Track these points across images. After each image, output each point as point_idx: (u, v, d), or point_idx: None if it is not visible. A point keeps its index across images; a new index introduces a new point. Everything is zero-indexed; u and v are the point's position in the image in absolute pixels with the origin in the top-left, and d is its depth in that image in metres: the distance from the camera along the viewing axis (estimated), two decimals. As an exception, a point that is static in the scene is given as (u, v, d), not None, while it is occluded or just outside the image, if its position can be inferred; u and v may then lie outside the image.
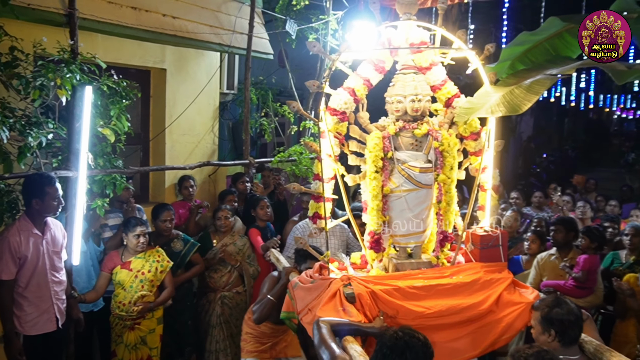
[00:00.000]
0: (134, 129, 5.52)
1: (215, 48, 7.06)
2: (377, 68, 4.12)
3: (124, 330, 4.97)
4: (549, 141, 25.60)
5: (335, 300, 3.59)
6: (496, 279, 3.88)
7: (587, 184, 10.72)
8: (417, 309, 3.65)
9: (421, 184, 4.01)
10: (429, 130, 4.03)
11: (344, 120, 4.05)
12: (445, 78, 4.19)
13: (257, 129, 8.52)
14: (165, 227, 5.47)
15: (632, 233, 5.72)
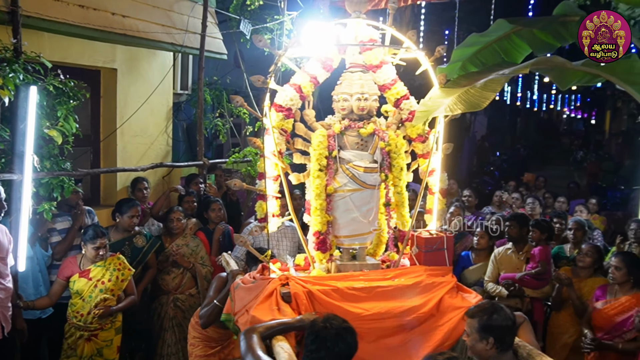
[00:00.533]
0: (84, 130, 5.40)
1: (167, 48, 6.96)
2: (324, 66, 4.09)
3: (79, 341, 4.78)
4: (502, 140, 26.15)
5: (271, 299, 3.57)
6: (438, 283, 3.82)
7: (536, 181, 11.01)
8: (354, 311, 3.60)
9: (365, 184, 3.98)
10: (375, 130, 4.00)
11: (289, 116, 4.00)
12: (395, 78, 4.15)
13: (212, 129, 8.44)
14: (131, 224, 5.42)
15: (575, 227, 5.93)
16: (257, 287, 3.72)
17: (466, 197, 7.79)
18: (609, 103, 26.34)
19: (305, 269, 4.14)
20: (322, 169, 3.93)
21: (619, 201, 12.14)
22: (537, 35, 5.28)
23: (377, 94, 4.10)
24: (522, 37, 5.36)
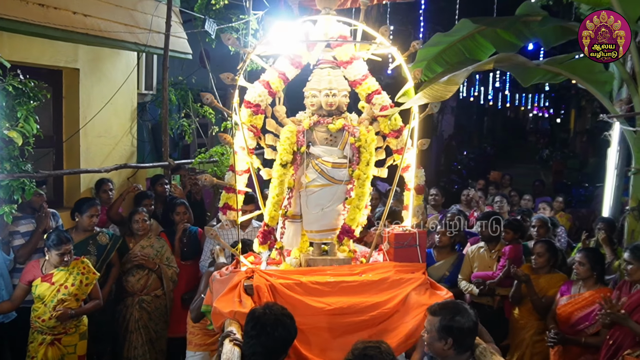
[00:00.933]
0: (46, 131, 5.30)
1: (131, 47, 6.86)
2: (293, 63, 4.08)
3: (42, 346, 4.66)
4: (469, 139, 26.47)
5: (234, 291, 3.59)
6: (406, 279, 3.77)
7: (502, 179, 11.16)
8: (316, 305, 3.60)
9: (334, 179, 3.97)
10: (344, 126, 4.00)
11: (258, 112, 3.99)
12: (367, 73, 4.13)
13: (177, 130, 8.36)
14: (91, 223, 5.33)
15: (538, 224, 6.03)
16: (228, 279, 3.75)
17: (433, 195, 7.85)
18: (574, 102, 26.82)
19: (279, 263, 4.12)
20: (285, 164, 3.92)
21: (583, 199, 12.39)
22: (500, 34, 5.38)
23: (347, 89, 4.10)
24: (485, 37, 5.45)
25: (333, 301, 3.63)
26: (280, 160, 3.92)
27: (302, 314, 3.54)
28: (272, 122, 4.12)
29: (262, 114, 4.03)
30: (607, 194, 6.24)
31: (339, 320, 3.63)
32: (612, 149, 5.99)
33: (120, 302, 5.57)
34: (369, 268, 3.91)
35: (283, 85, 4.07)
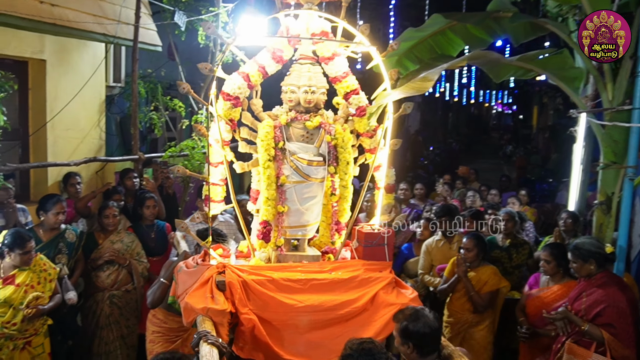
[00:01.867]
0: (12, 124, 5.15)
1: (99, 38, 6.75)
2: (274, 57, 4.04)
3: (13, 353, 4.48)
4: (434, 134, 26.75)
5: (206, 287, 3.58)
6: (374, 278, 3.84)
7: (469, 174, 11.34)
8: (288, 302, 3.63)
9: (309, 176, 3.97)
10: (321, 123, 3.99)
11: (237, 105, 3.96)
12: (347, 71, 4.12)
13: (146, 123, 8.26)
14: (57, 221, 5.18)
15: (506, 219, 6.15)
16: (197, 272, 3.71)
17: (402, 190, 7.92)
18: (536, 99, 27.38)
19: (247, 256, 4.13)
20: (271, 159, 3.92)
21: (547, 193, 12.63)
22: (470, 30, 5.45)
23: (326, 87, 4.09)
24: (456, 33, 5.52)
25: (304, 298, 3.67)
26: (268, 155, 3.90)
27: (274, 310, 3.63)
28: (248, 116, 4.08)
29: (240, 107, 4.00)
30: (572, 188, 6.37)
31: (310, 317, 3.68)
32: (578, 144, 6.12)
33: (89, 297, 5.47)
34: (339, 266, 3.93)
35: (262, 78, 4.05)
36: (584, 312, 4.24)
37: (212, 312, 3.43)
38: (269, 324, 3.64)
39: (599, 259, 4.32)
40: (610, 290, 4.18)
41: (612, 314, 4.10)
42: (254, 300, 3.62)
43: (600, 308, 4.15)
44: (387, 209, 4.23)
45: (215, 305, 3.45)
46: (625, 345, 4.06)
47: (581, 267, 4.35)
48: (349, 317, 3.71)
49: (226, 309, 3.47)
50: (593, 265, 4.31)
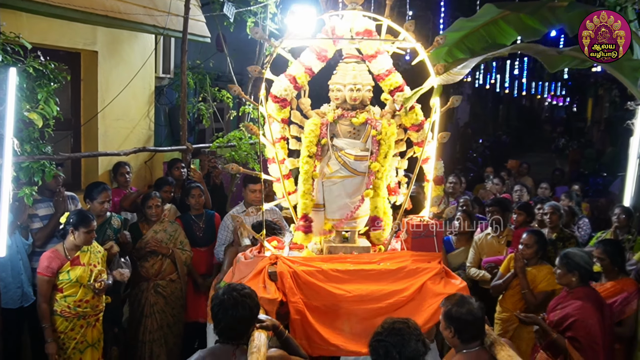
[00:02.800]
0: (64, 114, 5.26)
1: (149, 30, 6.83)
2: (319, 56, 4.17)
3: (86, 330, 4.71)
4: (484, 127, 26.29)
5: (259, 277, 3.80)
6: (422, 269, 3.90)
7: (520, 168, 11.09)
8: (337, 292, 3.77)
9: (357, 171, 4.10)
10: (367, 119, 4.08)
11: (284, 106, 4.16)
12: (391, 68, 4.20)
13: (194, 114, 8.34)
14: (102, 209, 5.30)
15: (551, 211, 5.98)
16: (253, 263, 3.95)
17: (452, 183, 7.79)
18: (591, 91, 26.55)
19: (300, 247, 4.25)
20: (311, 156, 4.08)
21: (600, 188, 12.24)
22: (524, 20, 5.26)
23: (371, 84, 4.16)
24: (509, 22, 5.34)
25: (353, 288, 3.80)
26: (308, 152, 4.07)
27: (324, 299, 3.78)
28: (297, 114, 4.26)
29: (288, 107, 4.19)
30: (628, 183, 6.14)
31: (358, 307, 3.79)
32: (635, 137, 5.90)
33: (135, 286, 5.58)
34: (387, 257, 4.04)
35: (308, 78, 4.19)
36: (554, 323, 4.23)
37: (263, 301, 3.55)
38: (318, 313, 3.79)
39: (583, 274, 4.27)
40: (584, 306, 4.14)
41: (579, 329, 4.09)
42: (304, 289, 3.79)
43: (570, 321, 4.14)
44: (437, 200, 4.28)
45: (266, 295, 3.65)
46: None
47: (563, 275, 4.32)
48: (397, 306, 3.79)
49: (277, 298, 3.68)
50: (575, 277, 4.26)
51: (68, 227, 4.66)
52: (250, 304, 3.13)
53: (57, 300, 4.63)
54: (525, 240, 5.13)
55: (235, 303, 3.09)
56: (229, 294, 3.12)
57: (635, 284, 4.60)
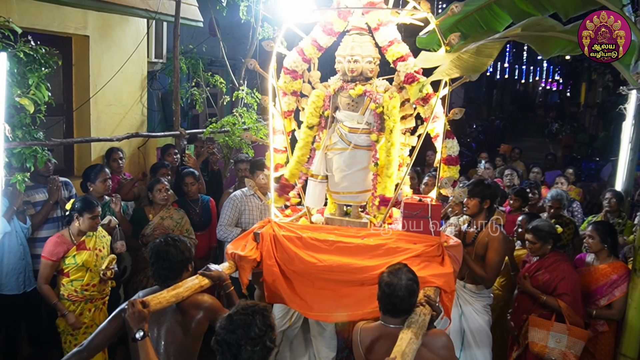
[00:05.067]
0: (56, 99, 5.22)
1: (141, 14, 6.78)
2: (325, 30, 4.21)
3: (94, 314, 4.75)
4: (478, 112, 26.29)
5: (247, 237, 4.05)
6: (403, 248, 3.80)
7: (512, 152, 11.12)
8: (309, 259, 3.86)
9: (352, 144, 4.10)
10: (365, 91, 4.07)
11: (295, 78, 4.26)
12: (393, 39, 4.14)
13: (187, 99, 8.30)
14: (106, 187, 5.35)
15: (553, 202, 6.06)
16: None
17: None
18: (584, 75, 26.58)
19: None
20: (311, 127, 4.19)
21: (593, 172, 12.31)
22: (517, 4, 5.27)
23: (372, 56, 4.14)
24: (502, 7, 5.34)
25: (325, 258, 3.86)
26: (307, 122, 4.18)
27: (295, 265, 3.91)
28: (308, 87, 4.37)
29: (300, 79, 4.28)
30: (620, 167, 6.18)
31: (327, 276, 3.85)
32: (627, 122, 5.92)
33: (140, 272, 5.57)
34: (374, 234, 4.01)
35: (317, 52, 4.26)
36: (542, 287, 4.59)
37: (236, 257, 3.87)
38: (288, 277, 3.95)
39: (555, 239, 4.73)
40: (564, 265, 4.59)
41: (567, 285, 4.48)
42: (281, 253, 3.95)
43: (556, 282, 4.52)
44: (448, 182, 4.09)
45: (240, 252, 3.88)
46: (577, 312, 4.42)
47: (540, 247, 4.67)
48: (365, 282, 3.77)
49: (249, 256, 3.88)
50: (550, 245, 4.67)
51: (73, 213, 4.69)
52: (181, 247, 3.34)
53: (64, 284, 4.65)
54: (521, 222, 5.41)
55: (166, 246, 3.31)
56: (162, 238, 3.37)
57: (626, 267, 4.65)
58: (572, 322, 4.37)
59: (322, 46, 4.24)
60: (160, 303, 3.11)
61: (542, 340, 4.43)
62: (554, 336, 4.38)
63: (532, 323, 4.51)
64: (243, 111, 7.44)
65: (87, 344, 3.05)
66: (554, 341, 4.37)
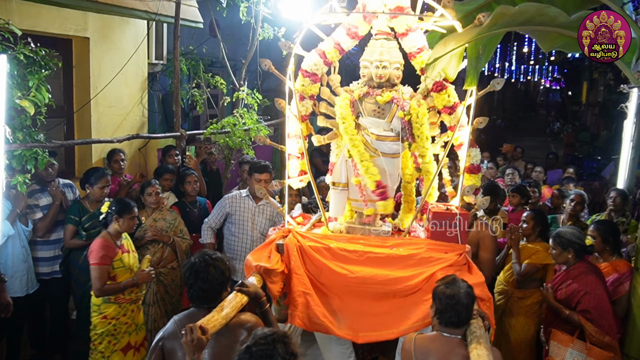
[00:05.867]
0: (56, 101, 5.22)
1: (141, 16, 6.77)
2: (349, 33, 4.11)
3: (134, 314, 4.78)
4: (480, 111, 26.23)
5: (268, 248, 3.84)
6: (435, 258, 3.73)
7: (514, 152, 11.12)
8: (340, 271, 3.71)
9: (378, 151, 3.99)
10: (392, 98, 3.98)
11: (315, 81, 4.11)
12: (422, 46, 4.06)
13: (188, 100, 8.30)
14: (102, 194, 5.32)
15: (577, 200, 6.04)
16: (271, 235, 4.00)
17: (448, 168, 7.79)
18: (586, 74, 26.54)
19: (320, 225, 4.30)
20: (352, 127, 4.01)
21: (595, 171, 12.30)
22: (517, 3, 5.23)
23: (400, 62, 4.07)
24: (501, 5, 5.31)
25: (357, 269, 3.72)
26: (351, 126, 3.98)
27: (326, 277, 3.75)
28: (327, 91, 4.22)
29: (318, 83, 4.14)
30: (622, 166, 6.18)
31: (359, 289, 3.71)
32: (628, 121, 5.91)
33: None
34: (402, 243, 3.92)
35: (339, 55, 4.14)
36: (565, 302, 4.37)
37: (263, 270, 3.64)
38: (319, 290, 3.77)
39: (577, 250, 4.43)
40: (588, 279, 4.31)
41: (589, 301, 4.22)
42: (309, 265, 3.78)
43: (579, 296, 4.27)
44: (470, 190, 4.01)
45: (267, 264, 3.65)
46: (605, 332, 4.14)
47: (560, 254, 4.48)
48: (401, 294, 3.69)
49: (277, 268, 3.67)
50: (571, 254, 4.43)
51: (110, 215, 4.67)
52: (221, 267, 3.17)
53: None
54: (525, 218, 5.30)
55: (206, 266, 3.13)
56: (200, 257, 3.18)
57: (628, 265, 4.64)
58: (595, 342, 4.13)
59: (344, 49, 4.14)
60: (215, 327, 2.91)
61: (560, 357, 4.26)
62: (572, 354, 4.20)
63: (553, 337, 4.36)
64: (244, 112, 7.44)
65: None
66: (571, 358, 4.21)
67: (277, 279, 3.68)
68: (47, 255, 5.33)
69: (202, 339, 2.71)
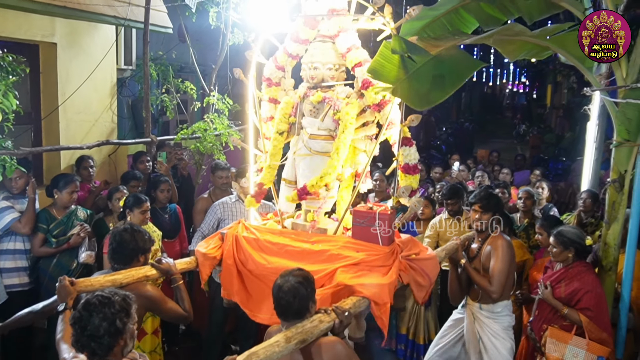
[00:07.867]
0: (24, 108, 5.14)
1: (110, 21, 6.71)
2: (293, 38, 4.28)
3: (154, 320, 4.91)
4: (447, 115, 26.58)
5: (215, 236, 4.25)
6: (344, 256, 3.76)
7: (490, 156, 11.36)
8: (260, 260, 3.97)
9: (312, 149, 4.15)
10: (324, 98, 4.11)
11: (270, 85, 4.40)
12: (351, 45, 4.11)
13: (158, 106, 8.25)
14: (71, 199, 5.27)
15: (525, 196, 6.14)
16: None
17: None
18: (550, 77, 27.10)
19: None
20: (281, 133, 4.28)
21: (560, 172, 12.57)
22: (484, 9, 5.35)
23: (333, 62, 4.17)
24: (469, 11, 5.41)
25: (273, 260, 3.95)
26: (277, 129, 4.27)
27: (250, 266, 4.02)
28: (283, 94, 4.45)
29: (276, 86, 4.42)
30: (586, 167, 6.31)
31: (273, 277, 3.66)
32: (591, 123, 6.05)
33: None
34: (324, 239, 4.00)
35: (290, 60, 4.35)
36: (565, 299, 4.41)
37: (198, 254, 4.12)
38: (243, 277, 4.07)
39: (578, 249, 4.46)
40: (589, 278, 4.38)
41: (590, 299, 4.29)
42: (238, 252, 4.07)
43: (580, 295, 4.33)
44: (405, 191, 3.95)
45: (202, 250, 4.11)
46: (602, 328, 4.25)
47: (560, 252, 4.48)
48: None
49: (210, 254, 4.09)
50: (572, 253, 4.45)
51: (124, 211, 4.91)
52: (137, 237, 3.65)
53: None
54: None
55: (123, 230, 3.64)
56: (125, 226, 3.70)
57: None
58: (594, 338, 4.20)
59: (292, 54, 4.31)
60: (92, 285, 3.34)
61: (559, 353, 4.29)
62: (572, 350, 4.24)
63: (551, 334, 4.38)
64: (214, 117, 7.42)
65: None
66: (571, 355, 4.24)
67: (207, 264, 4.08)
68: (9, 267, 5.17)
69: (67, 288, 3.27)
